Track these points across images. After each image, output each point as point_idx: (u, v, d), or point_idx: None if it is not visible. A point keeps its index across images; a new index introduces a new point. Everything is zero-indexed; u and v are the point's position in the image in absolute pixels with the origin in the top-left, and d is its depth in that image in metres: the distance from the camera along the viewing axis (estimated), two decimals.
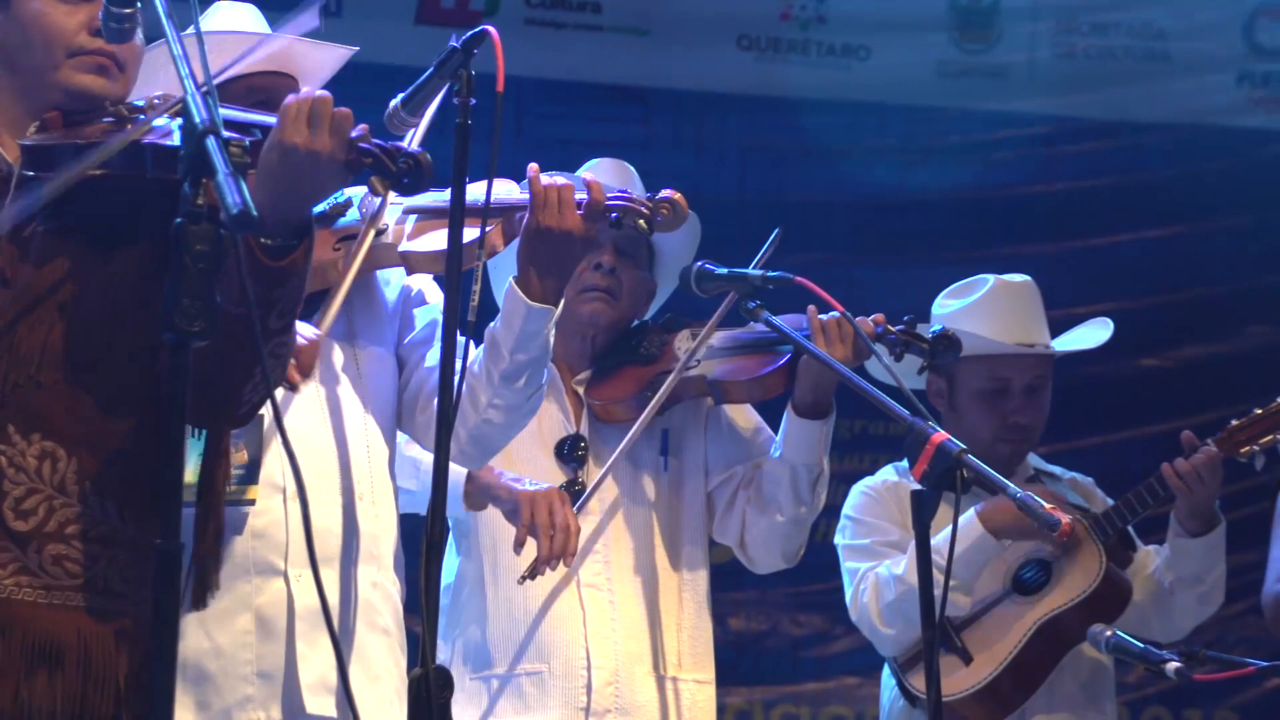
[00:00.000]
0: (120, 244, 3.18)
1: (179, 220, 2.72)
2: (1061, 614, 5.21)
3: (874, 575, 5.16)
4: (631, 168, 4.77)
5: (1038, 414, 5.44)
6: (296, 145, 3.19)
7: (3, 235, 3.16)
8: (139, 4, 3.10)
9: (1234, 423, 5.31)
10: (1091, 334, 5.59)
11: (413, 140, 3.84)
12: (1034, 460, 5.51)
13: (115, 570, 3.14)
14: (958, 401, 5.32)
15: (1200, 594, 5.36)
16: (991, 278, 5.48)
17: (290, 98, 3.22)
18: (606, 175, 4.59)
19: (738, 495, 4.80)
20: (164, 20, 2.94)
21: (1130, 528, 5.40)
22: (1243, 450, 5.28)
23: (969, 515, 5.11)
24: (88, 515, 3.13)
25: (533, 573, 4.43)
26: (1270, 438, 5.29)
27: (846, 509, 5.36)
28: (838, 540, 5.33)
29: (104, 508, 3.14)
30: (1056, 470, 5.54)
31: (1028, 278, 5.54)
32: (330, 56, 4.07)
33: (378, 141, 3.26)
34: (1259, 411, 5.32)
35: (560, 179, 3.84)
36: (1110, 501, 5.46)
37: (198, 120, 2.77)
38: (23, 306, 3.14)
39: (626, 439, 4.63)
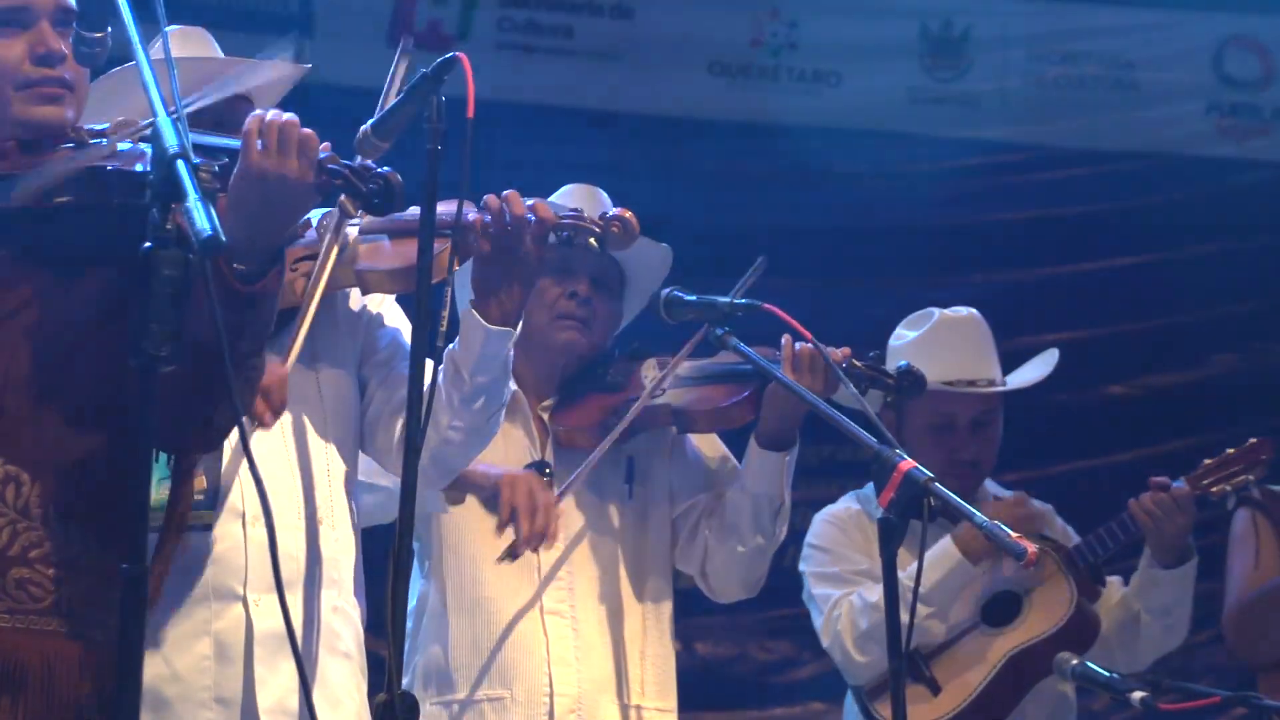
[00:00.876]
0: (84, 269, 3.18)
1: (147, 245, 2.72)
2: (1032, 647, 5.22)
3: (848, 602, 5.17)
4: (603, 192, 4.77)
5: (985, 448, 5.45)
6: (266, 170, 3.19)
7: None
8: (109, 28, 3.10)
9: (1206, 461, 5.32)
10: (1035, 370, 5.59)
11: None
12: (992, 487, 5.51)
13: (79, 594, 3.14)
14: (905, 435, 5.28)
15: (1167, 625, 5.38)
16: (936, 312, 5.49)
17: (252, 119, 3.21)
18: (577, 200, 4.59)
19: (700, 524, 4.79)
20: (136, 45, 2.94)
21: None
22: (1214, 489, 5.30)
23: (944, 542, 5.12)
24: (52, 539, 3.12)
25: (512, 554, 4.44)
26: (1242, 477, 5.31)
27: (810, 538, 5.36)
28: (803, 568, 5.33)
29: (68, 532, 3.14)
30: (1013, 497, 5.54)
31: (973, 311, 5.53)
32: (283, 75, 4.02)
33: (346, 162, 3.27)
34: (1231, 451, 5.33)
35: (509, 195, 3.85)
36: (1069, 529, 5.47)
37: (167, 145, 2.77)
38: None
39: (586, 463, 4.62)
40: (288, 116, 3.22)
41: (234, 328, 3.06)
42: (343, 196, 3.53)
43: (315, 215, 3.99)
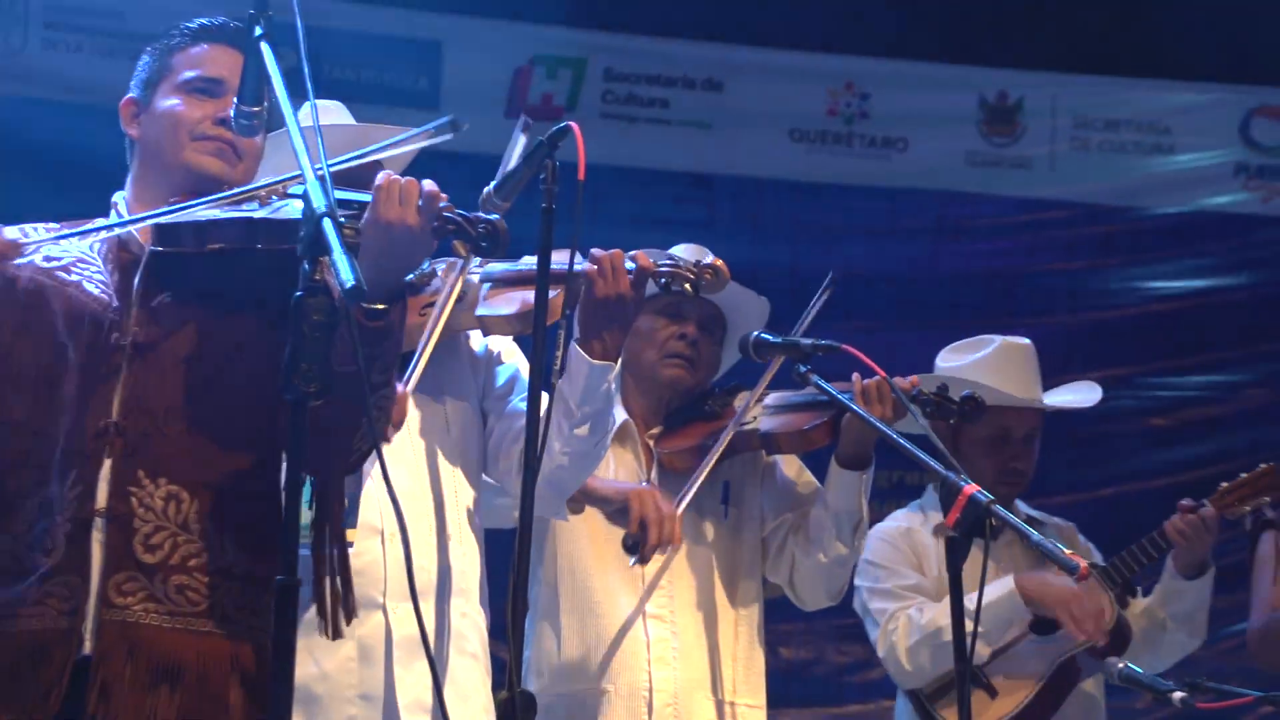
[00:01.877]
0: (238, 309, 3.22)
1: (298, 294, 2.75)
2: (1078, 654, 5.18)
3: (905, 616, 5.13)
4: (707, 250, 4.74)
5: (1031, 461, 5.41)
6: (391, 220, 3.21)
7: (134, 303, 3.19)
8: (265, 104, 3.13)
9: (1224, 485, 5.28)
10: (1082, 395, 5.55)
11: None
12: (1022, 506, 5.47)
13: (231, 600, 3.16)
14: (961, 446, 5.25)
15: (1190, 630, 5.35)
16: (998, 338, 5.45)
17: (381, 178, 3.23)
18: (686, 255, 4.56)
19: (788, 540, 4.78)
20: (288, 117, 2.97)
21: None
22: (1235, 511, 5.26)
23: (1009, 582, 5.09)
24: (208, 550, 3.15)
25: (644, 558, 4.43)
26: (1257, 500, 5.27)
27: (866, 554, 5.28)
28: (859, 582, 5.25)
29: (222, 543, 3.17)
30: (1040, 515, 5.50)
31: (1028, 341, 5.50)
32: (412, 144, 4.10)
33: (460, 211, 3.28)
34: (1245, 476, 5.29)
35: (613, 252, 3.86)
36: (1090, 545, 5.44)
37: (315, 204, 2.79)
38: (152, 366, 3.17)
39: (695, 477, 4.62)
40: (409, 178, 3.25)
41: (367, 359, 3.07)
42: (455, 240, 3.55)
43: (439, 267, 4.01)
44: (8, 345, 3.20)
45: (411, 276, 3.84)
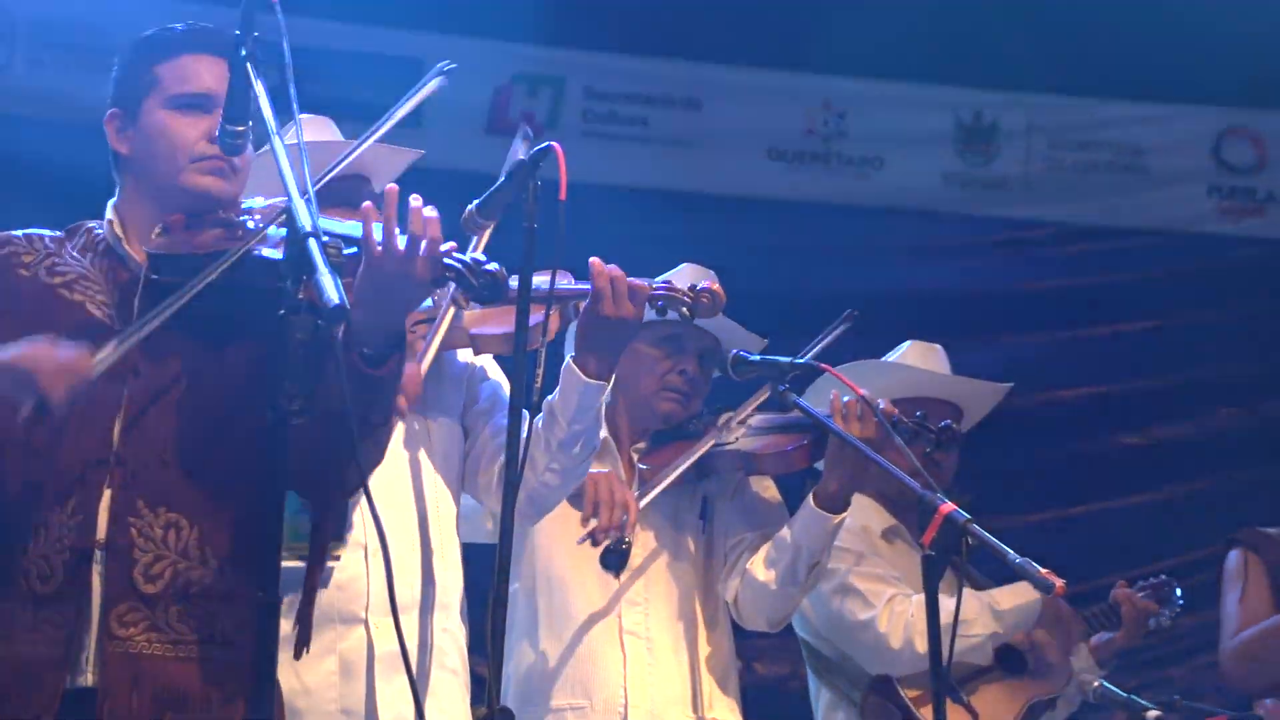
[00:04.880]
0: (228, 339, 3.19)
1: (281, 312, 2.74)
2: (1043, 699, 5.19)
3: (917, 600, 4.88)
4: (710, 271, 4.70)
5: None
6: (391, 269, 3.18)
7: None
8: (250, 122, 3.12)
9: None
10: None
11: (478, 243, 3.83)
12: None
13: (230, 623, 3.15)
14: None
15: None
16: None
17: (378, 232, 3.18)
18: (691, 276, 4.54)
19: (741, 558, 4.73)
20: (272, 136, 2.96)
21: None
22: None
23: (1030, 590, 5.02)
24: (207, 576, 3.14)
25: (593, 539, 4.37)
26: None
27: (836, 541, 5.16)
28: (833, 565, 4.94)
29: (221, 568, 3.16)
30: None
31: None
32: (399, 160, 4.12)
33: (459, 258, 3.24)
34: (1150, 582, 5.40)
35: (615, 270, 3.84)
36: None
37: (300, 224, 2.79)
38: (151, 394, 3.16)
39: (665, 474, 4.59)
40: (427, 214, 3.21)
41: (364, 403, 3.07)
42: (456, 291, 3.54)
43: None
44: None
45: None
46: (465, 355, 4.16)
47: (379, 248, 3.17)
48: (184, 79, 3.30)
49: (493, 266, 3.26)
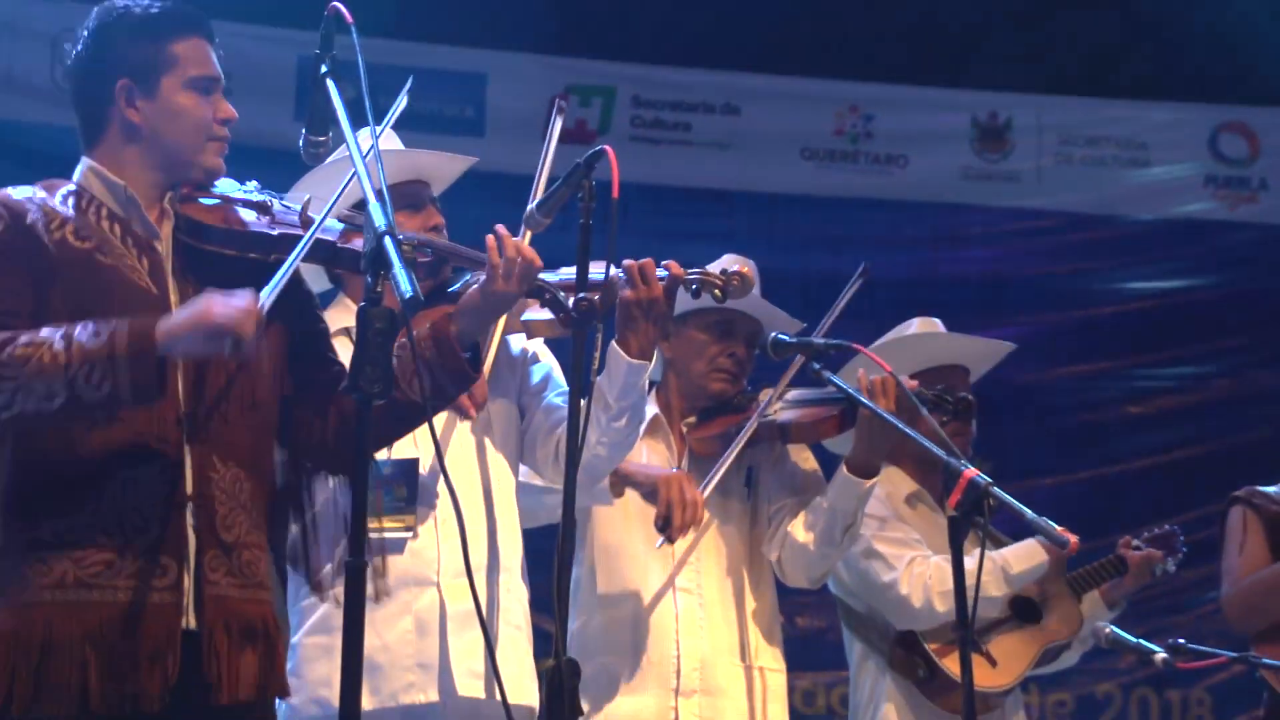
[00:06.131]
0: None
1: (362, 304, 2.77)
2: (1056, 644, 5.18)
3: (936, 563, 4.92)
4: (748, 259, 4.69)
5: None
6: (498, 291, 3.48)
7: (173, 290, 3.17)
8: (330, 133, 3.15)
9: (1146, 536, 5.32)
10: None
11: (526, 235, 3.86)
12: None
13: (269, 569, 3.23)
14: None
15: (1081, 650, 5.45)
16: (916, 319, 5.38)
17: (502, 265, 3.48)
18: (725, 264, 4.53)
19: (783, 522, 4.73)
20: (351, 145, 2.97)
21: None
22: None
23: (1033, 543, 4.99)
24: (259, 527, 3.22)
25: (670, 538, 4.40)
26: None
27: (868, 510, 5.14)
28: (865, 532, 4.94)
29: (271, 520, 3.26)
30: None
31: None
32: (456, 166, 4.17)
33: (552, 282, 3.54)
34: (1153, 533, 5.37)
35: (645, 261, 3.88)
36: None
37: (377, 224, 2.80)
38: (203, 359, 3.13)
39: (720, 463, 4.60)
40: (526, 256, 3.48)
41: (442, 394, 3.31)
42: (550, 314, 3.65)
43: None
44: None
45: (458, 286, 3.88)
46: (518, 341, 4.19)
47: (500, 275, 3.45)
48: (200, 62, 3.24)
49: (593, 296, 3.54)
